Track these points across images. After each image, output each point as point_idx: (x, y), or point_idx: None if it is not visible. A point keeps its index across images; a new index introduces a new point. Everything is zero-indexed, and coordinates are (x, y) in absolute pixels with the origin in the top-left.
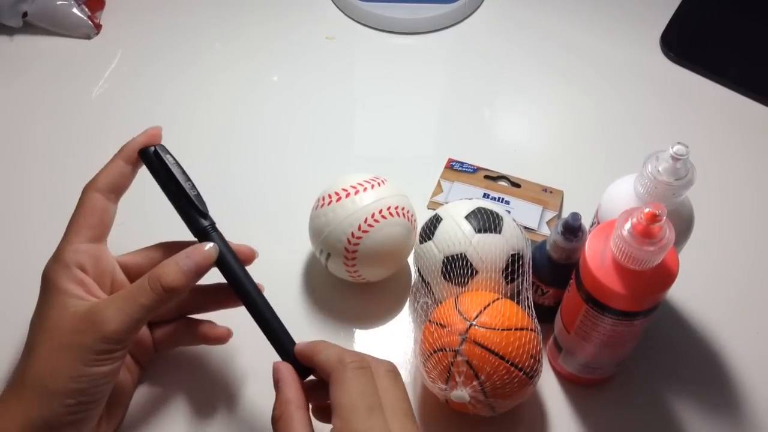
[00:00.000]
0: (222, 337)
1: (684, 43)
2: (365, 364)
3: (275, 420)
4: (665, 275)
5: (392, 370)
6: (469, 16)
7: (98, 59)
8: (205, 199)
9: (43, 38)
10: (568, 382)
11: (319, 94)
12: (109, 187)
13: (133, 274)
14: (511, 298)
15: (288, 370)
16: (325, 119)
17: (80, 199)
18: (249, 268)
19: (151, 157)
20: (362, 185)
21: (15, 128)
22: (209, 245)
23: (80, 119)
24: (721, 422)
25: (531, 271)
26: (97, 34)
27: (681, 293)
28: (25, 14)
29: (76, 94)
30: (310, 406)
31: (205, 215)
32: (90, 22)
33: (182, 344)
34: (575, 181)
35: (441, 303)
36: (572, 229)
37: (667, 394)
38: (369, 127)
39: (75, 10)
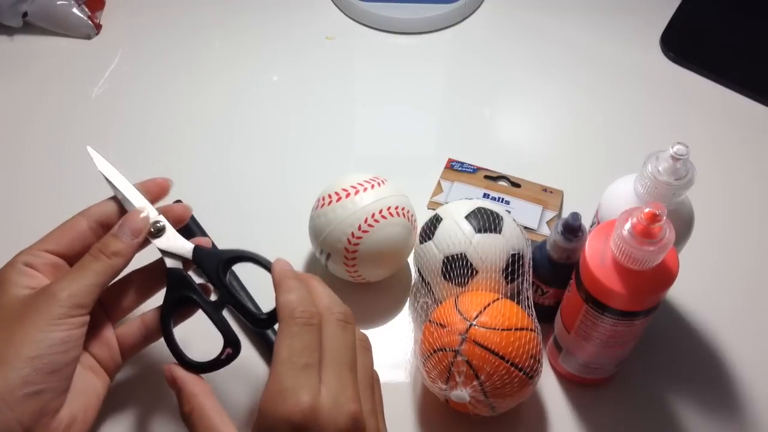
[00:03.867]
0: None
1: (684, 43)
2: (314, 320)
3: (187, 416)
4: (665, 275)
5: (344, 319)
6: (469, 16)
7: (98, 59)
8: (204, 199)
9: (43, 38)
10: (568, 382)
11: (319, 94)
12: (96, 218)
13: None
14: (511, 298)
15: (180, 369)
16: (325, 119)
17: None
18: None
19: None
20: (362, 185)
21: (15, 128)
22: (142, 213)
23: (80, 119)
24: (721, 422)
25: (531, 271)
26: (97, 34)
27: (681, 293)
28: (25, 14)
29: (76, 94)
30: None
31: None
32: (90, 22)
33: (146, 342)
34: (575, 181)
35: (441, 303)
36: (572, 229)
37: (667, 394)
38: (369, 127)
39: (75, 10)
